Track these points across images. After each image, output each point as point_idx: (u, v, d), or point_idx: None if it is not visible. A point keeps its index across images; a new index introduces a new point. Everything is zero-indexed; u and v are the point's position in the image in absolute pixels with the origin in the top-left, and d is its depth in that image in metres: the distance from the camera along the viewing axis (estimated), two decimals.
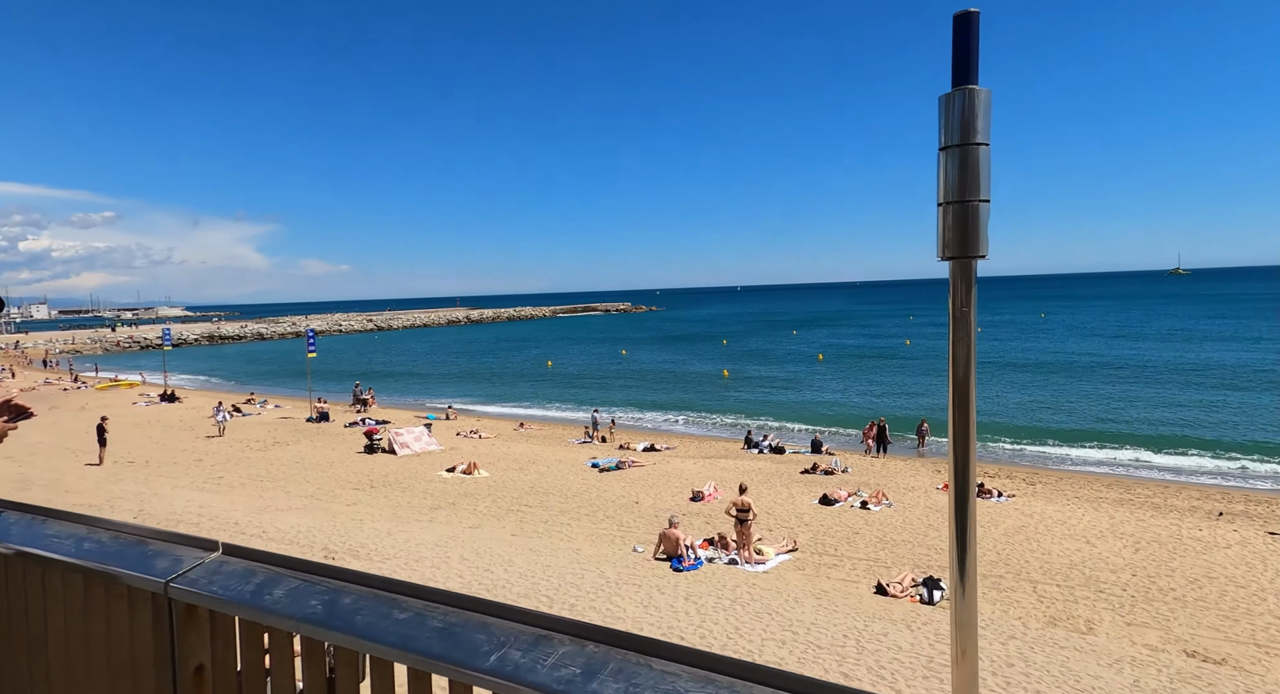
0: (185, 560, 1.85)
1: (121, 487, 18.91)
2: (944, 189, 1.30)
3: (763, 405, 37.14)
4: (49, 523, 2.25)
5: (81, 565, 1.96)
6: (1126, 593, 11.15)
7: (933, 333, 78.20)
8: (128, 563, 1.89)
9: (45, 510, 2.29)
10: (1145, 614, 10.29)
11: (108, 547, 2.01)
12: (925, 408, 33.02)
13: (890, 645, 9.12)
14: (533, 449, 26.03)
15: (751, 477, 20.86)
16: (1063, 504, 17.31)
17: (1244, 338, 59.19)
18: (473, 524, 16.19)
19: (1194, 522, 15.43)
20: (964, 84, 1.27)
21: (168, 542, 1.97)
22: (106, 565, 1.90)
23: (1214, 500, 18.07)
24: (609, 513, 17.09)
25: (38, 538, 2.15)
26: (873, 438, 24.37)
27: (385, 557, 13.18)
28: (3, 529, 2.25)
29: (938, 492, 18.72)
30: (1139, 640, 9.37)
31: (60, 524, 2.22)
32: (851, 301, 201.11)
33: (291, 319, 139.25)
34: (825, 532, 15.20)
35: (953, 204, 1.29)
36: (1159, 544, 13.61)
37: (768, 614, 10.33)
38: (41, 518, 2.28)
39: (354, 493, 19.15)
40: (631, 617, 10.38)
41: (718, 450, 26.24)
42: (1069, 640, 9.19)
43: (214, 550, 1.88)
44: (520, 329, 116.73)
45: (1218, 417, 30.05)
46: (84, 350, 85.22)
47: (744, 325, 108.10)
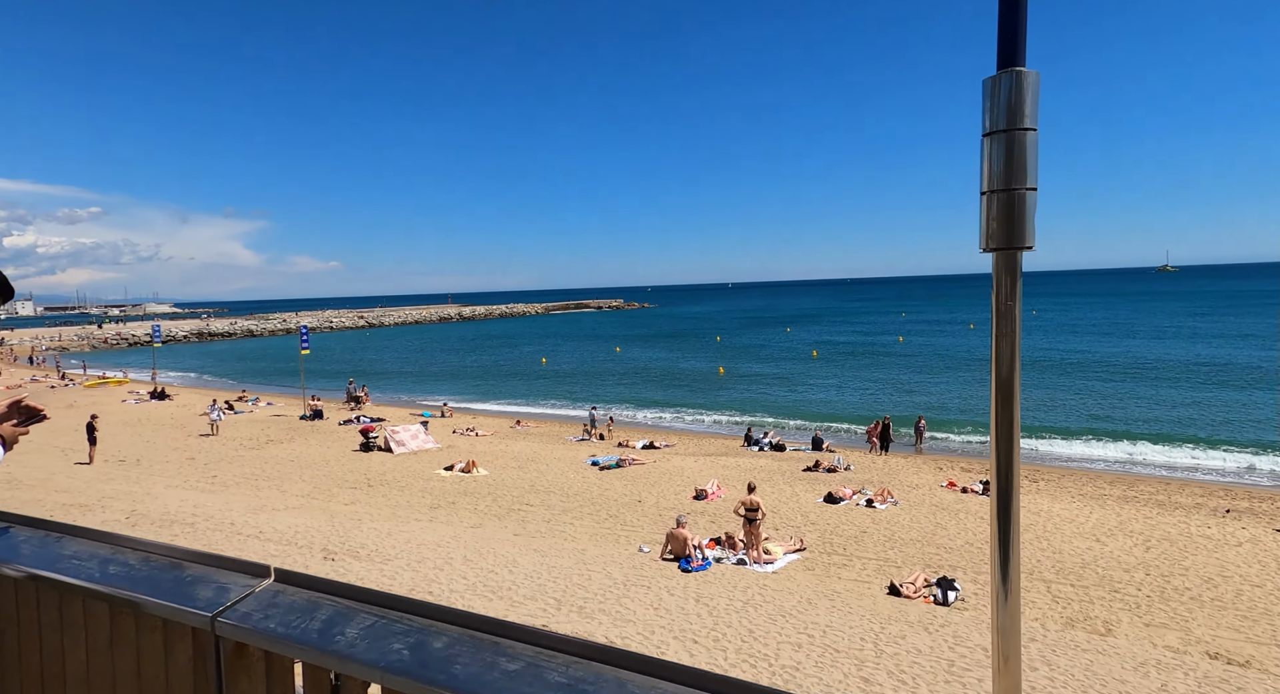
0: (232, 589, 1.59)
1: (113, 486, 18.52)
2: (988, 177, 1.25)
3: (759, 402, 36.99)
4: (66, 541, 1.99)
5: (106, 592, 1.70)
6: (1142, 593, 11.01)
7: (925, 330, 78.33)
8: (163, 591, 1.63)
9: (62, 526, 2.03)
10: (1163, 615, 10.15)
11: (137, 571, 1.75)
12: (920, 405, 32.98)
13: (909, 648, 8.93)
14: (531, 447, 25.75)
15: (754, 474, 20.68)
16: (1068, 501, 17.20)
17: (1234, 335, 59.52)
18: (474, 524, 15.92)
19: (1201, 519, 15.35)
20: (1011, 66, 1.22)
21: (208, 565, 1.72)
22: (137, 593, 1.65)
23: (1217, 497, 18.02)
24: (612, 512, 16.85)
25: (54, 559, 1.89)
26: (877, 436, 24.23)
27: (386, 557, 12.90)
28: (12, 548, 1.98)
29: (942, 489, 18.59)
30: (1159, 642, 9.22)
31: (80, 543, 1.96)
32: (842, 298, 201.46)
33: (282, 316, 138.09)
34: (832, 531, 15.02)
35: (998, 193, 1.24)
36: (1169, 542, 13.50)
37: (781, 616, 10.13)
38: (58, 535, 2.02)
39: (351, 492, 18.83)
40: (643, 619, 10.15)
41: (718, 448, 26.04)
42: (1090, 643, 9.03)
43: (265, 577, 1.63)
44: (512, 326, 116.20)
45: (1212, 413, 30.12)
46: (71, 347, 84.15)
47: (737, 322, 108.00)
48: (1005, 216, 1.24)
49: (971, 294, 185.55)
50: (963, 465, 22.29)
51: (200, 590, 1.60)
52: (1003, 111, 1.23)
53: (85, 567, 1.79)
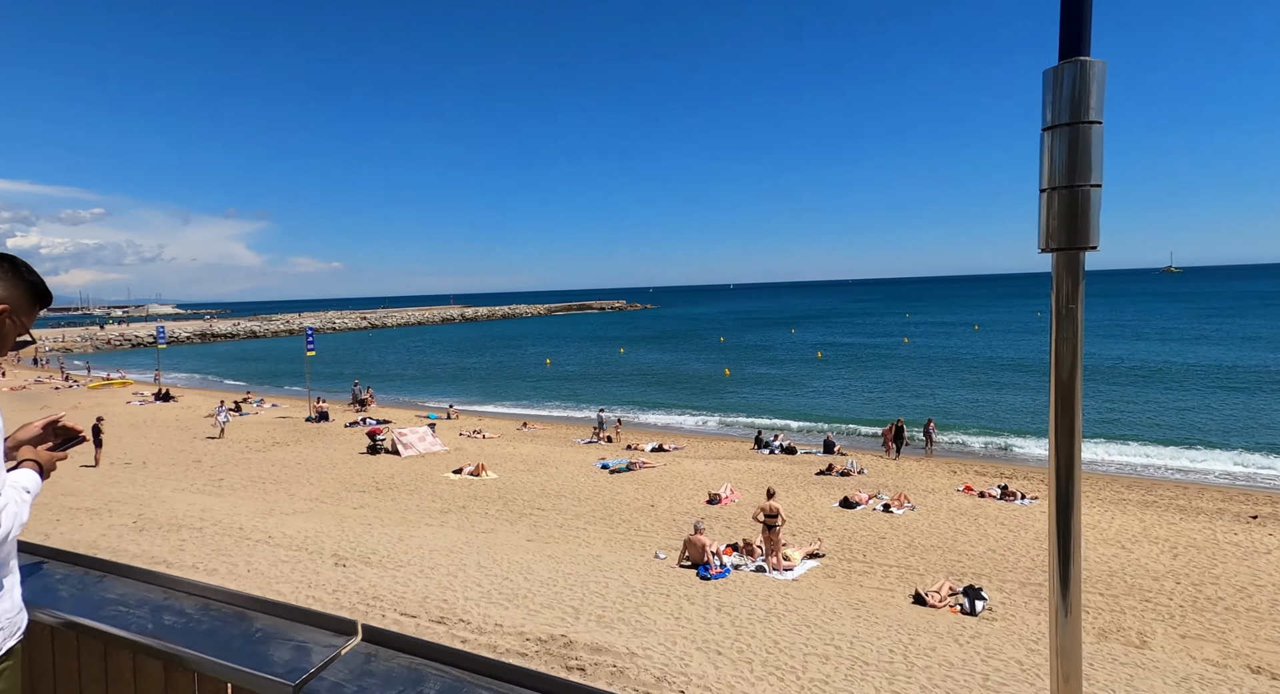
0: (313, 650, 1.36)
1: (119, 489, 18.31)
2: (1048, 173, 1.22)
3: (767, 404, 36.74)
4: (110, 582, 1.75)
5: (161, 648, 1.47)
6: (1174, 602, 10.76)
7: (929, 331, 78.05)
8: (231, 650, 1.40)
9: (104, 564, 1.79)
10: (1198, 626, 9.89)
11: (196, 622, 1.51)
12: (928, 407, 32.69)
13: (940, 661, 8.68)
14: (539, 449, 25.52)
15: (766, 478, 20.45)
16: (1088, 507, 16.94)
17: (1240, 337, 59.18)
18: (485, 529, 15.69)
19: (1226, 525, 15.09)
20: (1074, 56, 1.18)
21: (280, 617, 1.48)
22: (199, 651, 1.41)
23: (1239, 502, 17.76)
24: (625, 516, 16.62)
25: (97, 603, 1.65)
26: (892, 439, 23.98)
27: (399, 564, 12.67)
28: (48, 589, 1.75)
29: (959, 494, 18.34)
30: (1198, 655, 8.97)
31: (126, 584, 1.72)
32: (844, 299, 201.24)
33: (285, 317, 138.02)
34: (850, 536, 14.77)
35: (1059, 190, 1.21)
36: (1197, 549, 13.24)
37: (806, 626, 9.89)
38: (99, 574, 1.78)
39: (360, 495, 18.61)
40: (663, 629, 9.91)
41: (728, 451, 25.79)
42: (1127, 656, 8.78)
43: (351, 635, 1.39)
44: (515, 327, 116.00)
45: (1223, 416, 29.84)
46: (74, 348, 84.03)
47: (739, 323, 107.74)
48: (1068, 215, 1.20)
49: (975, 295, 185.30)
50: (976, 469, 22.04)
51: (275, 650, 1.37)
52: (1065, 104, 1.19)
53: (134, 615, 1.56)
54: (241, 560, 12.41)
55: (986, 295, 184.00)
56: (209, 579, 11.93)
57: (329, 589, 11.09)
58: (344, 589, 11.11)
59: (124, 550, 12.80)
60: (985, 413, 32.50)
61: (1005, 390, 38.42)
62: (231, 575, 11.69)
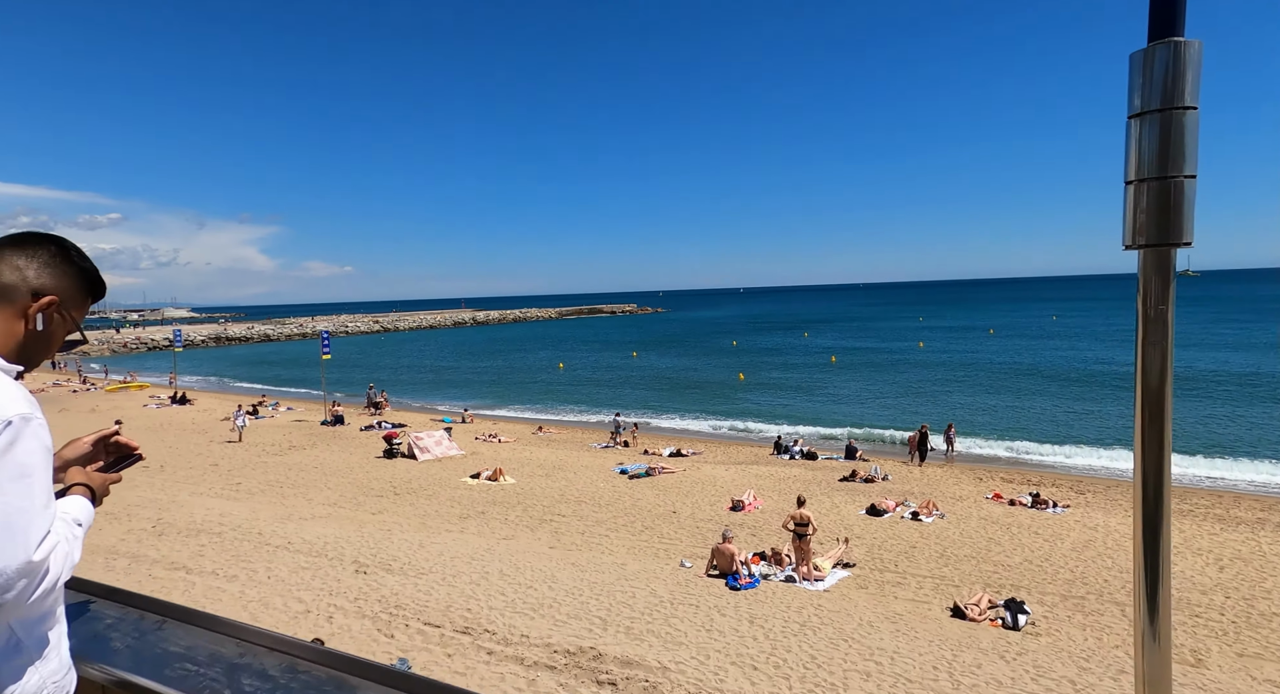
0: None
1: (137, 493, 18.19)
2: (1136, 164, 1.13)
3: (783, 409, 36.35)
4: (171, 628, 1.49)
5: None
6: (1225, 618, 10.35)
7: (944, 335, 77.34)
8: None
9: (162, 606, 1.52)
10: (1255, 644, 9.49)
11: (283, 686, 1.25)
12: (947, 413, 32.15)
13: (987, 679, 8.34)
14: (556, 454, 25.27)
15: (788, 484, 20.12)
16: (1122, 516, 16.49)
17: (1262, 344, 58.15)
18: (506, 535, 15.44)
19: (1270, 536, 14.62)
20: (1167, 36, 1.09)
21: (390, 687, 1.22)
22: None
23: (1278, 512, 17.25)
24: (647, 523, 16.33)
25: (158, 659, 1.39)
26: (917, 446, 23.57)
27: (420, 571, 12.44)
28: (98, 638, 1.48)
29: (988, 501, 17.93)
30: (1258, 674, 8.58)
31: (192, 633, 1.46)
32: (856, 303, 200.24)
33: (299, 320, 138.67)
34: (880, 545, 14.42)
35: (1149, 181, 1.12)
36: (1243, 562, 12.80)
37: (843, 640, 9.56)
38: (159, 618, 1.52)
39: (378, 501, 18.41)
40: (695, 642, 9.61)
41: (747, 456, 25.45)
42: (1185, 676, 8.40)
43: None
44: (527, 330, 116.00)
45: (1249, 424, 29.23)
46: (91, 351, 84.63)
47: (751, 327, 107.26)
48: (1159, 208, 1.12)
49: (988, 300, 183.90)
50: (1003, 476, 21.60)
51: None
52: (1158, 88, 1.10)
53: (205, 675, 1.29)
54: (262, 566, 12.20)
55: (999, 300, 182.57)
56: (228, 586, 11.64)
57: (351, 597, 10.86)
58: (366, 598, 10.87)
59: (144, 556, 12.63)
60: (1006, 419, 31.98)
61: (1025, 396, 37.85)
62: (252, 582, 11.49)
